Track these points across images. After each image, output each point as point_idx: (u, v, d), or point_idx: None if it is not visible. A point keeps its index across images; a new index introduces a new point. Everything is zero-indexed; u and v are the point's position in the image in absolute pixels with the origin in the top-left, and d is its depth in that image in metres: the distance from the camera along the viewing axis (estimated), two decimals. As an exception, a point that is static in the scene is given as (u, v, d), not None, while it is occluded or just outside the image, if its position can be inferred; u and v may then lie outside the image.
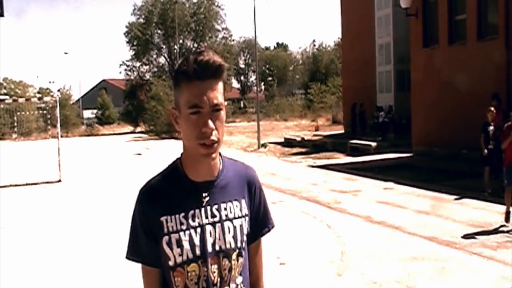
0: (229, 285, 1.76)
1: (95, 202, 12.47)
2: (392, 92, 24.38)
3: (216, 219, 1.75)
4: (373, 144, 20.63)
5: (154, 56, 53.94)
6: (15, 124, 42.01)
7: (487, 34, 15.66)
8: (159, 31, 52.72)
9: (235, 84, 76.64)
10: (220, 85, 1.68)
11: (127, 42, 52.18)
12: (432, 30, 17.65)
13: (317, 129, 33.47)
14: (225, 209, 1.77)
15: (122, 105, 54.58)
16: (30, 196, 13.81)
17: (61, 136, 18.16)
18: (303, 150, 22.92)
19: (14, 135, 42.94)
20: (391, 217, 9.30)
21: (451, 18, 16.84)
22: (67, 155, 19.33)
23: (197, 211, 1.74)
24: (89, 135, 48.10)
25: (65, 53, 79.78)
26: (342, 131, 29.18)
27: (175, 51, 48.65)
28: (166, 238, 1.72)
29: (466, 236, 7.73)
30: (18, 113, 40.74)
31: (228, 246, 1.75)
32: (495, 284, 5.77)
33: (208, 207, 1.75)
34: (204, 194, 1.75)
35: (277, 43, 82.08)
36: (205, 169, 1.75)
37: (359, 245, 7.60)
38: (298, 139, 26.07)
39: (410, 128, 19.33)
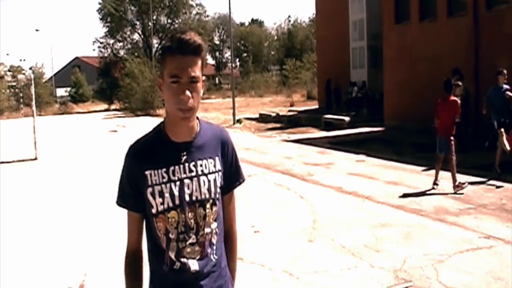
0: (204, 230, 2.03)
1: (73, 178, 12.64)
2: (365, 68, 24.76)
3: (193, 174, 2.02)
4: (347, 119, 21.02)
5: (128, 33, 53.53)
6: (-14, 103, 41.42)
7: (456, 11, 16.03)
8: (132, 8, 52.20)
9: (210, 60, 76.38)
10: (199, 61, 1.95)
11: (100, 19, 51.66)
12: (403, 7, 17.96)
13: (292, 105, 33.78)
14: (201, 165, 2.04)
15: (96, 82, 54.13)
16: (7, 173, 13.87)
17: (35, 115, 18.10)
18: (278, 125, 23.21)
19: (-15, 114, 42.32)
20: (362, 187, 9.66)
21: (422, -6, 17.17)
22: (42, 133, 19.30)
23: (176, 167, 2.01)
24: (63, 114, 47.62)
25: (36, 30, 79.30)
26: (317, 107, 29.56)
27: (149, 27, 48.28)
28: (150, 189, 1.99)
29: (429, 201, 8.14)
30: (-11, 92, 40.19)
31: (203, 197, 2.03)
32: (455, 246, 6.15)
33: (186, 164, 2.02)
34: (183, 153, 2.02)
35: (252, 19, 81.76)
36: (184, 131, 2.02)
37: (331, 213, 7.94)
38: (273, 114, 26.32)
39: (383, 103, 19.74)
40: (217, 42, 75.20)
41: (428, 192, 8.98)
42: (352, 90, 23.46)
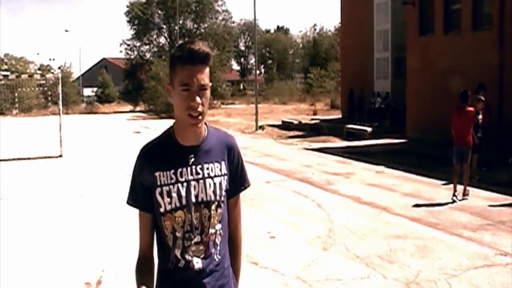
0: (208, 230, 2.13)
1: (95, 176, 12.88)
2: (389, 79, 24.69)
3: (200, 176, 2.13)
4: (369, 129, 20.97)
5: (155, 36, 54.12)
6: (16, 100, 42.16)
7: (481, 24, 15.95)
8: (159, 11, 52.74)
9: (235, 66, 76.74)
10: (207, 69, 2.06)
11: (128, 22, 52.31)
12: (428, 18, 17.92)
13: (315, 113, 33.77)
14: (207, 168, 2.15)
15: (122, 84, 54.76)
16: (32, 169, 14.19)
17: (62, 113, 18.46)
18: (299, 133, 23.27)
19: (15, 111, 43.09)
20: (379, 198, 9.68)
21: (447, 7, 17.11)
22: (68, 131, 19.66)
23: (184, 169, 2.12)
24: (88, 113, 48.28)
25: (66, 31, 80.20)
26: (340, 116, 29.53)
27: (175, 31, 48.73)
28: (158, 189, 2.11)
29: (449, 217, 8.13)
30: (19, 89, 40.87)
31: (208, 198, 2.13)
32: (470, 261, 6.15)
33: (193, 167, 2.13)
34: (190, 156, 2.13)
35: (278, 27, 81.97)
36: (192, 136, 2.12)
37: (347, 223, 7.98)
38: (296, 122, 26.38)
39: (406, 115, 19.66)
40: (243, 48, 75.54)
41: (446, 206, 8.96)
42: (375, 101, 23.43)
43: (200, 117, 2.06)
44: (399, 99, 22.59)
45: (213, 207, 2.14)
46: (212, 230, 2.14)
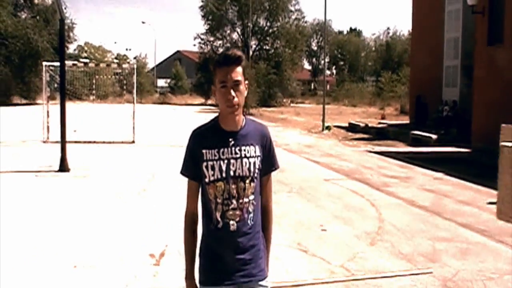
0: (243, 199, 2.68)
1: (164, 159, 13.95)
2: (457, 87, 24.38)
3: (238, 156, 2.69)
4: (434, 136, 20.92)
5: (228, 31, 55.10)
6: (93, 87, 44.30)
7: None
8: (233, 8, 53.71)
9: (306, 66, 77.05)
10: (239, 69, 2.63)
11: (202, 16, 53.57)
12: (497, 28, 17.70)
13: (383, 118, 33.67)
14: (244, 150, 2.70)
15: (195, 76, 56.22)
16: (109, 152, 15.36)
17: (136, 102, 19.61)
18: (365, 136, 23.48)
19: (92, 97, 45.27)
20: (433, 203, 9.96)
21: (517, 17, 16.87)
22: (141, 119, 20.82)
23: (225, 149, 2.68)
24: (161, 103, 50.08)
25: (143, 22, 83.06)
26: (408, 122, 29.39)
27: (248, 28, 49.62)
28: (205, 163, 2.69)
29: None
30: (97, 77, 42.98)
31: (244, 174, 2.69)
32: (509, 266, 6.41)
33: (233, 148, 2.69)
34: (230, 139, 2.70)
35: (351, 28, 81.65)
36: (232, 123, 2.70)
37: (397, 222, 8.35)
38: (362, 125, 26.55)
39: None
40: (315, 48, 75.72)
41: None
42: (442, 109, 23.25)
43: (236, 107, 2.63)
44: (467, 108, 22.34)
45: (247, 181, 2.69)
46: (246, 199, 2.69)
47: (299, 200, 10.04)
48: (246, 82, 2.69)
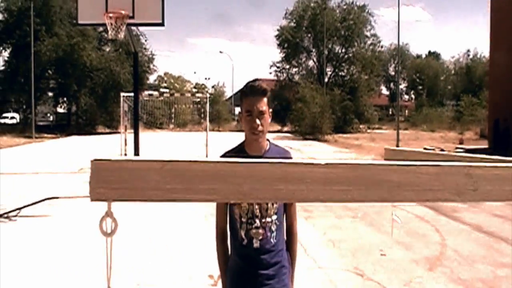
0: (266, 219, 2.91)
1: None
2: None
3: None
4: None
5: (303, 59, 55.84)
6: (173, 115, 46.10)
7: None
8: (309, 35, 54.39)
9: (384, 91, 76.25)
10: (264, 99, 2.86)
11: (278, 45, 54.58)
12: None
13: (461, 142, 32.79)
14: None
15: (271, 104, 56.81)
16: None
17: (213, 130, 20.40)
18: (439, 161, 22.94)
19: (171, 126, 47.11)
20: (501, 229, 9.70)
21: None
22: (216, 146, 21.44)
23: None
24: (238, 131, 50.93)
25: (220, 52, 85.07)
26: (486, 146, 28.48)
27: (323, 55, 49.97)
28: None
29: None
30: (176, 106, 44.76)
31: None
32: None
33: None
34: None
35: (429, 52, 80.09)
36: (256, 147, 2.94)
37: (459, 248, 8.25)
38: (438, 150, 25.98)
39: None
40: (392, 73, 74.84)
41: None
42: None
43: (260, 134, 2.87)
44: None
45: (269, 202, 2.90)
46: (269, 219, 2.91)
47: (362, 225, 10.09)
48: (270, 110, 2.93)
